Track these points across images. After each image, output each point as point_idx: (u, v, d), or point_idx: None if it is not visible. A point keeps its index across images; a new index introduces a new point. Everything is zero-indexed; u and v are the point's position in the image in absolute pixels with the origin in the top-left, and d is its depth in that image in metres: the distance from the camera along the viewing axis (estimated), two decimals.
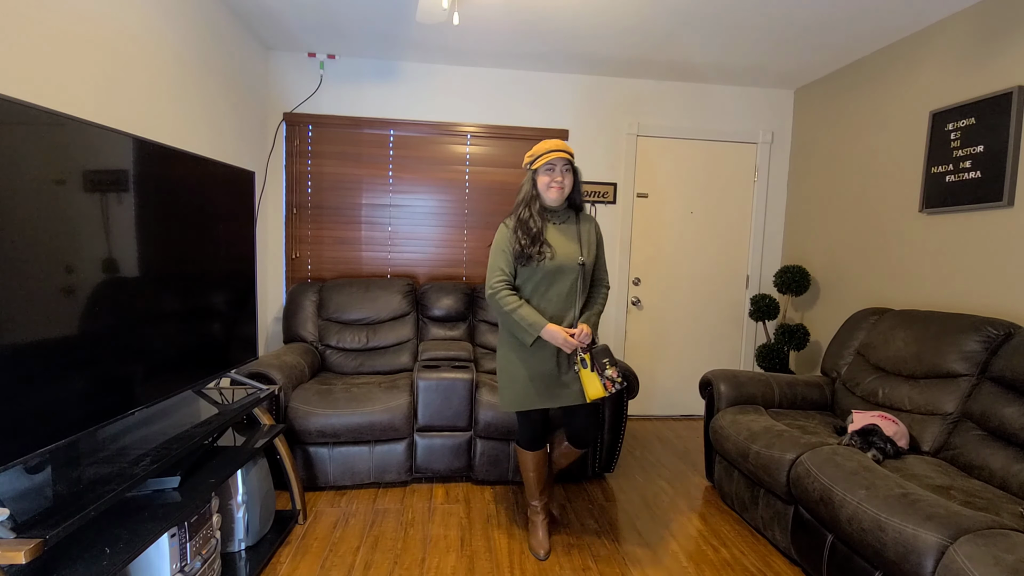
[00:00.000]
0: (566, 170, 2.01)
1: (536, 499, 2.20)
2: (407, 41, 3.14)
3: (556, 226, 2.06)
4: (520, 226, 2.02)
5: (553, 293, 2.02)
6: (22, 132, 1.19)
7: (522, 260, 2.00)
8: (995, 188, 2.30)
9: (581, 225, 2.09)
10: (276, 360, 2.61)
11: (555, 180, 2.00)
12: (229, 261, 2.10)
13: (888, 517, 1.56)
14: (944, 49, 2.62)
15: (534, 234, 2.00)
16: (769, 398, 2.60)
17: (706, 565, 2.08)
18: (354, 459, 2.57)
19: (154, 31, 2.19)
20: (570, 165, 2.02)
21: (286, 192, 3.45)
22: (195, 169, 1.87)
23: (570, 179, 2.03)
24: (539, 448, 2.17)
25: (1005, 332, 2.07)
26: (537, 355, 2.00)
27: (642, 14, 2.70)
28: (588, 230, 2.10)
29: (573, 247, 2.04)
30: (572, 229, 2.07)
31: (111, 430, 1.64)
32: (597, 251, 2.12)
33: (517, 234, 2.01)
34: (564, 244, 2.03)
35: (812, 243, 3.57)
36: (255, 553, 1.98)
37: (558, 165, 2.00)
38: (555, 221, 2.07)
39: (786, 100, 3.80)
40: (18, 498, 1.22)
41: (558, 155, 1.98)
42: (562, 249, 2.02)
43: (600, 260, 2.14)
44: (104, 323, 1.44)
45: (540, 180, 2.02)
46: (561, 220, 2.08)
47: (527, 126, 3.59)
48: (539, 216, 2.03)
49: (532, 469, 2.17)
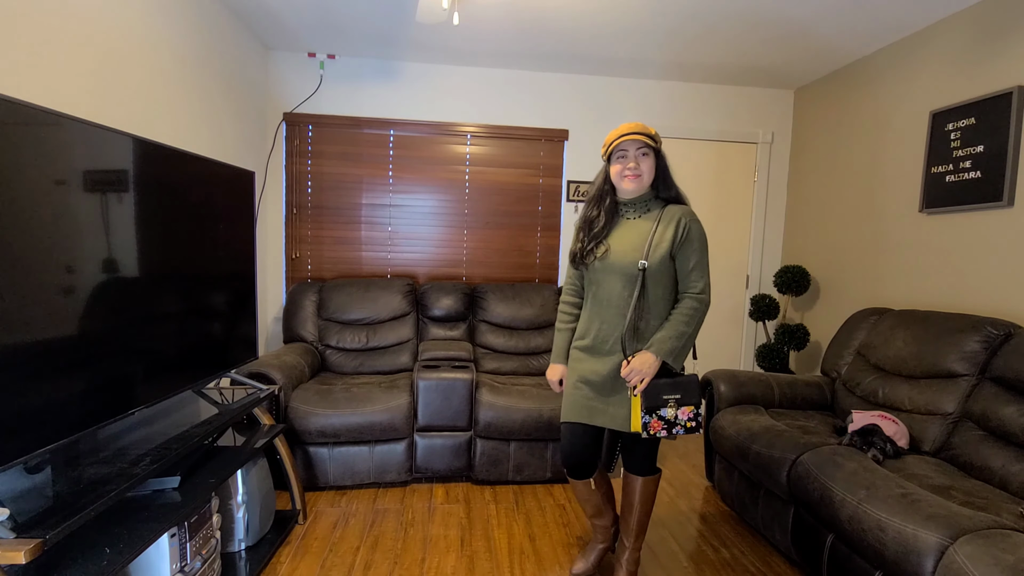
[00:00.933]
0: (642, 154, 1.69)
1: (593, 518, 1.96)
2: (407, 41, 3.14)
3: (631, 221, 1.75)
4: (584, 225, 1.79)
5: (603, 301, 1.73)
6: (22, 132, 1.19)
7: (577, 263, 1.79)
8: (995, 188, 2.30)
9: (662, 219, 1.71)
10: (276, 360, 2.61)
11: (628, 168, 1.69)
12: (229, 261, 2.10)
13: (888, 517, 1.56)
14: (944, 49, 2.62)
15: (595, 233, 1.75)
16: (769, 398, 2.60)
17: (706, 565, 2.08)
18: (354, 459, 2.57)
19: (154, 31, 2.18)
20: (648, 148, 1.69)
21: (286, 192, 3.45)
22: (195, 169, 1.87)
23: (650, 164, 1.70)
24: (582, 477, 1.85)
25: (1005, 332, 2.07)
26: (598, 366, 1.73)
27: (642, 14, 2.70)
28: (668, 226, 1.69)
29: (636, 245, 1.70)
30: (647, 225, 1.72)
31: (111, 430, 1.64)
32: (677, 251, 1.69)
33: (579, 235, 1.79)
34: (627, 242, 1.71)
35: (812, 243, 3.57)
36: (255, 553, 1.98)
37: (631, 150, 1.68)
38: (631, 215, 1.76)
39: (786, 100, 3.80)
40: (18, 498, 1.22)
41: (630, 138, 1.66)
42: (621, 247, 1.71)
43: (689, 264, 1.69)
44: (104, 323, 1.44)
45: (612, 169, 1.73)
46: (639, 214, 1.75)
47: (527, 126, 3.59)
48: (609, 212, 1.76)
49: (583, 499, 1.91)
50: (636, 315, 1.69)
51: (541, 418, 2.61)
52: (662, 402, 1.64)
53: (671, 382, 1.65)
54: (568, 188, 3.65)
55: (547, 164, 3.63)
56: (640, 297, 1.68)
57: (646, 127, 1.71)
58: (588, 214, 1.80)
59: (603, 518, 1.97)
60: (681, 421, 1.66)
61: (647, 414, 1.65)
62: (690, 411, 1.66)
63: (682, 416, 1.66)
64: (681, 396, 1.65)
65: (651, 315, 1.70)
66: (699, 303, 1.66)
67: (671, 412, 1.65)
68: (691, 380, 1.66)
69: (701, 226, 1.72)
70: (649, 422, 1.65)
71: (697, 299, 1.67)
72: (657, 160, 1.72)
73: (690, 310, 1.66)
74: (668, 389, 1.64)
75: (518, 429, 2.60)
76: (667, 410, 1.65)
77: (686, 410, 1.66)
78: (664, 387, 1.64)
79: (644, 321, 1.70)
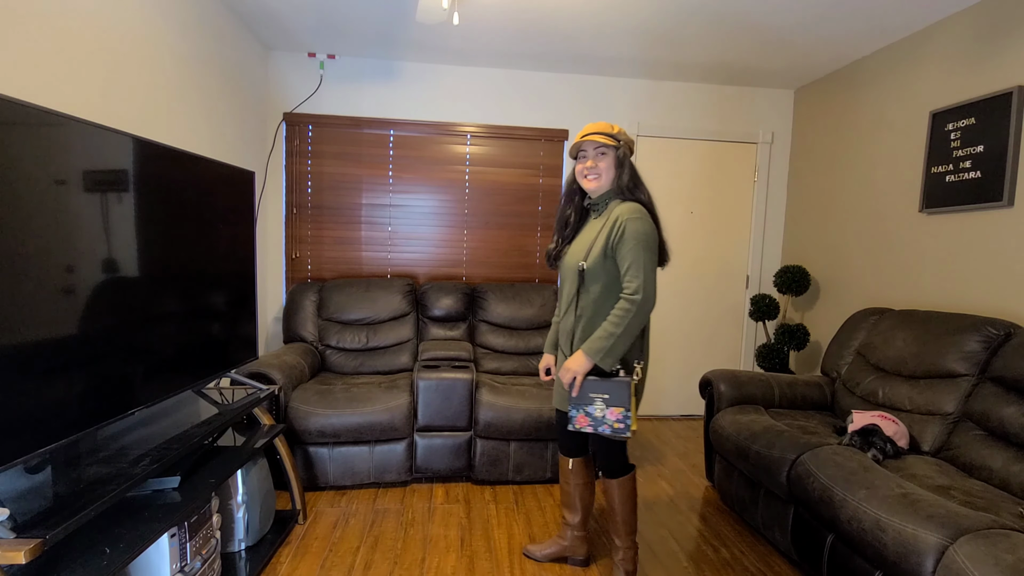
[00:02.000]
0: (600, 154, 1.73)
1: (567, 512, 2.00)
2: (407, 41, 3.14)
3: (593, 220, 1.81)
4: (560, 225, 1.87)
5: (564, 298, 1.82)
6: (22, 132, 1.19)
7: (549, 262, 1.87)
8: (995, 188, 2.30)
9: (608, 216, 1.73)
10: (276, 360, 2.61)
11: (586, 167, 1.74)
12: (229, 261, 2.10)
13: (888, 517, 1.56)
14: (944, 49, 2.62)
15: (565, 233, 1.81)
16: (769, 398, 2.60)
17: (706, 565, 2.08)
18: (354, 459, 2.57)
19: (154, 31, 2.18)
20: (607, 148, 1.72)
21: (286, 192, 3.45)
22: (195, 169, 1.87)
23: (608, 164, 1.73)
24: (572, 455, 1.94)
25: (1005, 332, 2.07)
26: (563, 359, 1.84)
27: (642, 14, 2.70)
28: (607, 224, 1.71)
29: (583, 244, 1.77)
30: (600, 224, 1.76)
31: (111, 430, 1.64)
32: (613, 251, 1.70)
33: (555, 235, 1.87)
34: (580, 242, 1.79)
35: (812, 243, 3.57)
36: (255, 553, 1.98)
37: (590, 150, 1.74)
38: (594, 215, 1.81)
39: (786, 100, 3.80)
40: (18, 498, 1.22)
41: (588, 139, 1.72)
42: (574, 247, 1.80)
43: (625, 264, 1.67)
44: (104, 323, 1.44)
45: (576, 169, 1.79)
46: (599, 213, 1.79)
47: (527, 126, 3.59)
48: (579, 211, 1.83)
49: (566, 479, 1.97)
50: (577, 314, 1.75)
51: (541, 418, 2.61)
52: (589, 400, 1.67)
53: (600, 381, 1.67)
54: None
55: (547, 164, 3.63)
56: (579, 297, 1.72)
57: (609, 126, 1.74)
58: (563, 213, 1.86)
59: (572, 512, 2.00)
60: (609, 421, 1.67)
61: (573, 409, 1.70)
62: (619, 413, 1.66)
63: (610, 417, 1.66)
64: (609, 396, 1.66)
65: (593, 314, 1.73)
66: (630, 303, 1.63)
67: (599, 411, 1.67)
68: (624, 383, 1.65)
69: (643, 224, 1.67)
70: (575, 417, 1.69)
71: (628, 299, 1.64)
72: (618, 159, 1.72)
73: (620, 311, 1.64)
74: (597, 388, 1.67)
75: (518, 429, 2.60)
76: (594, 408, 1.67)
77: (615, 411, 1.66)
78: (592, 385, 1.67)
79: (585, 320, 1.73)
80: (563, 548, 2.05)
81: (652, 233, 1.68)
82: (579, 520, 2.01)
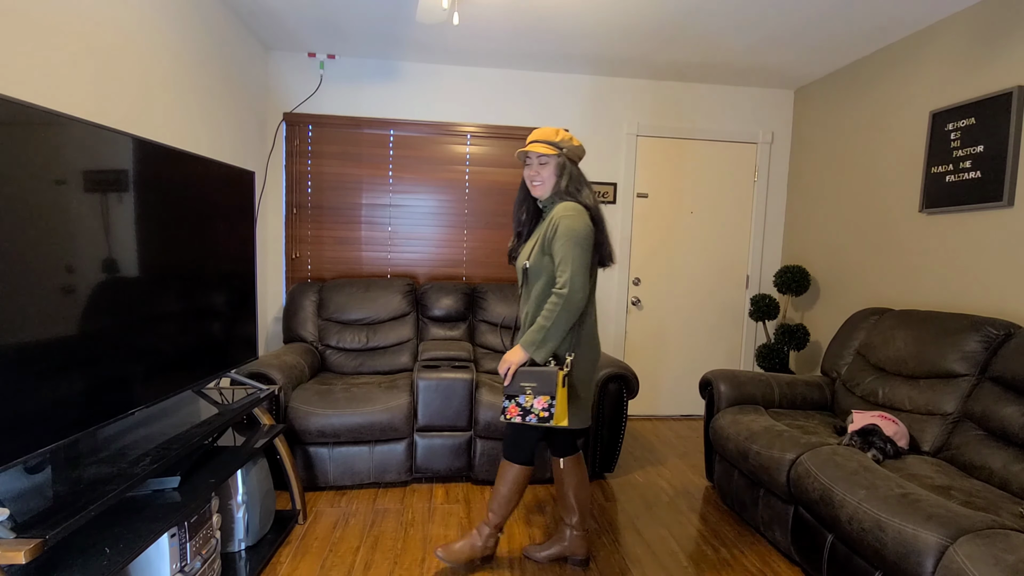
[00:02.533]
0: (541, 163, 1.79)
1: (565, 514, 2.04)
2: (407, 41, 3.14)
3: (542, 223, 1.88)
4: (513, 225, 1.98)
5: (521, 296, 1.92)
6: (22, 132, 1.19)
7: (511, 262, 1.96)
8: (995, 188, 2.30)
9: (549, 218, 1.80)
10: (276, 360, 2.61)
11: (530, 175, 1.83)
12: (229, 261, 2.10)
13: (888, 517, 1.56)
14: (944, 49, 2.62)
15: (519, 233, 1.93)
16: (769, 398, 2.60)
17: (706, 565, 2.08)
18: (354, 459, 2.57)
19: (153, 31, 2.18)
20: (547, 157, 1.78)
21: (286, 192, 3.45)
22: (195, 169, 1.87)
23: (550, 171, 1.80)
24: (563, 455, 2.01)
25: (1005, 332, 2.07)
26: None
27: (642, 14, 2.70)
28: (544, 225, 1.79)
29: (529, 244, 1.87)
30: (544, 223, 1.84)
31: (111, 430, 1.64)
32: (548, 248, 1.76)
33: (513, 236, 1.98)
34: (529, 242, 1.87)
35: (812, 243, 3.57)
36: (255, 553, 1.98)
37: (533, 158, 1.81)
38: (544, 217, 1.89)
39: (786, 100, 3.80)
40: (18, 498, 1.22)
41: (529, 148, 1.79)
42: (524, 247, 1.89)
43: (557, 259, 1.73)
44: (104, 323, 1.44)
45: (524, 175, 1.87)
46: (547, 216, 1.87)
47: (527, 126, 3.59)
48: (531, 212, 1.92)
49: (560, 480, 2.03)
50: (524, 311, 1.85)
51: None
52: (520, 389, 1.73)
53: (530, 371, 1.73)
54: None
55: None
56: (524, 294, 1.82)
57: (554, 133, 1.80)
58: (517, 214, 1.92)
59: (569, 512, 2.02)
60: (536, 410, 1.72)
61: (507, 399, 1.76)
62: (545, 401, 1.71)
63: (537, 405, 1.72)
64: (537, 385, 1.71)
65: (536, 309, 1.81)
66: (558, 298, 1.69)
67: (528, 400, 1.73)
68: (551, 372, 1.71)
69: (576, 221, 1.72)
70: (507, 407, 1.76)
71: (556, 294, 1.70)
72: (559, 166, 1.79)
73: (551, 304, 1.71)
74: (527, 378, 1.73)
75: None
76: (524, 397, 1.73)
77: (542, 399, 1.71)
78: (523, 375, 1.73)
79: (531, 316, 1.82)
80: (563, 548, 2.04)
81: (585, 231, 1.73)
82: (577, 519, 2.02)
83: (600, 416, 2.71)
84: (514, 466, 1.89)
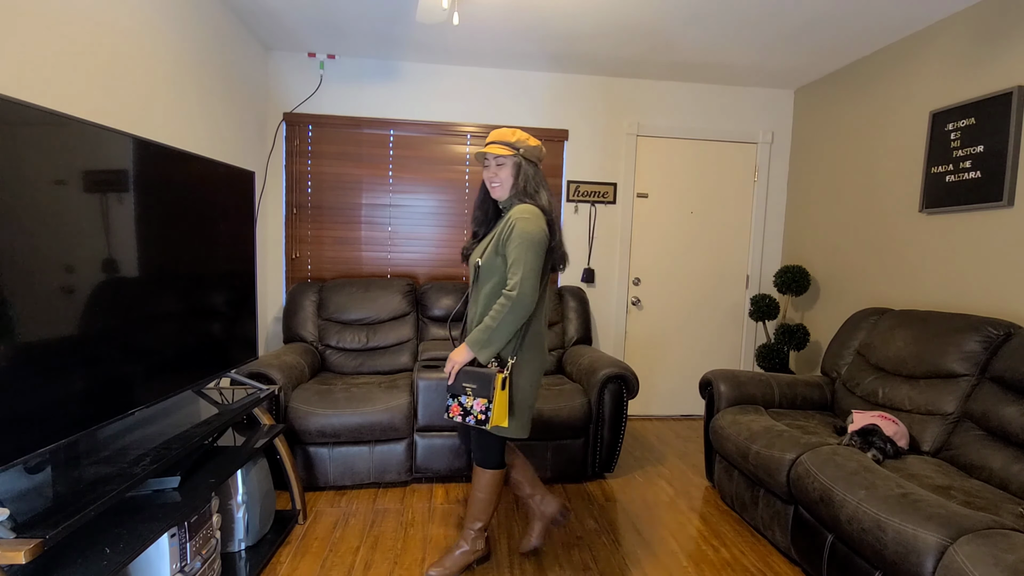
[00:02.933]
0: (498, 165, 1.80)
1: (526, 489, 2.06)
2: (407, 41, 3.14)
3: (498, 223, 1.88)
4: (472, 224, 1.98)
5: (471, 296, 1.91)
6: (22, 132, 1.19)
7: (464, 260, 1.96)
8: (995, 188, 2.30)
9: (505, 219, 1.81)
10: (276, 360, 2.61)
11: (488, 176, 1.83)
12: (229, 261, 2.10)
13: (888, 517, 1.56)
14: (944, 49, 2.62)
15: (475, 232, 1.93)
16: (769, 398, 2.60)
17: (706, 565, 2.08)
18: (354, 459, 2.57)
19: (153, 31, 2.18)
20: (504, 159, 1.79)
21: (286, 192, 3.45)
22: (195, 169, 1.87)
23: (507, 173, 1.80)
24: None
25: (1005, 332, 2.07)
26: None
27: (642, 14, 2.70)
28: (501, 226, 1.81)
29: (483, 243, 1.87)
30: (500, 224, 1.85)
31: (111, 430, 1.64)
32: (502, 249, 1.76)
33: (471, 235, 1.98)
34: (484, 242, 1.88)
35: (812, 243, 3.57)
36: (255, 553, 1.98)
37: (490, 159, 1.81)
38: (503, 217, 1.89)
39: (786, 100, 3.80)
40: (18, 498, 1.22)
41: (486, 149, 1.80)
42: (479, 246, 1.89)
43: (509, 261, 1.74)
44: (104, 323, 1.44)
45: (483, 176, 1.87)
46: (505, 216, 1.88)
47: (527, 126, 3.59)
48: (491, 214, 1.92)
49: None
50: (472, 309, 1.86)
51: (541, 418, 2.61)
52: (461, 389, 1.74)
53: (472, 371, 1.73)
54: (568, 188, 3.65)
55: (547, 164, 3.63)
56: (474, 293, 1.82)
57: (511, 133, 1.79)
58: (475, 215, 1.92)
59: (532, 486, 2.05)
60: (474, 412, 1.72)
61: (450, 398, 1.77)
62: (483, 404, 1.71)
63: (476, 407, 1.72)
64: (477, 387, 1.72)
65: (484, 309, 1.80)
66: (507, 299, 1.69)
67: (468, 401, 1.74)
68: (490, 375, 1.71)
69: (531, 224, 1.73)
70: (450, 406, 1.76)
71: (505, 295, 1.71)
72: (516, 167, 1.79)
73: (499, 305, 1.71)
74: (468, 378, 1.74)
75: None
76: (465, 398, 1.74)
77: (480, 402, 1.72)
78: (465, 375, 1.74)
79: (479, 315, 1.81)
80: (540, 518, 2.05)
81: (539, 234, 1.73)
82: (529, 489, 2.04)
83: (600, 416, 2.71)
84: (487, 472, 1.88)
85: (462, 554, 1.95)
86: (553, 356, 3.28)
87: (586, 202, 3.68)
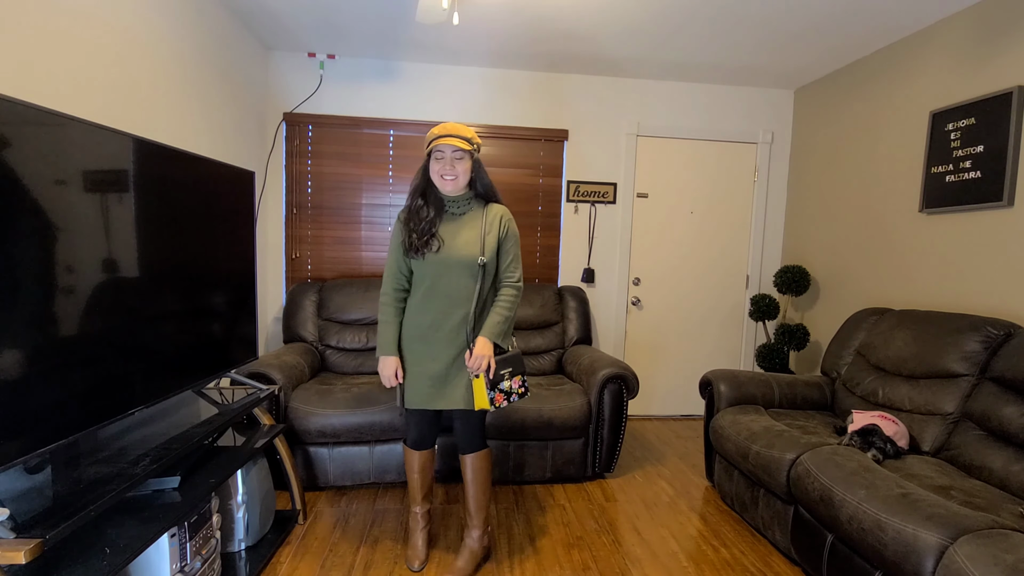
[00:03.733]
0: (457, 158, 1.80)
1: (418, 505, 2.04)
2: (407, 41, 3.14)
3: (457, 216, 1.88)
4: (411, 216, 1.86)
5: (440, 293, 1.84)
6: (23, 132, 1.19)
7: (411, 253, 1.84)
8: (995, 188, 2.30)
9: (486, 216, 1.88)
10: (276, 360, 2.61)
11: (444, 169, 1.80)
12: (229, 261, 2.10)
13: (888, 517, 1.56)
14: (944, 49, 2.62)
15: (423, 226, 1.83)
16: (769, 398, 2.60)
17: (706, 565, 2.08)
18: (354, 459, 2.57)
19: (153, 31, 2.18)
20: (463, 152, 1.80)
21: (286, 192, 3.45)
22: (195, 169, 1.87)
23: (465, 168, 1.82)
24: (426, 448, 2.01)
25: (1005, 332, 2.07)
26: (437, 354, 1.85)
27: (642, 14, 2.70)
28: (492, 222, 1.87)
29: (468, 240, 1.84)
30: (473, 221, 1.87)
31: (111, 430, 1.64)
32: (503, 246, 1.89)
33: (409, 225, 1.85)
34: (460, 238, 1.84)
35: (812, 243, 3.57)
36: (255, 553, 1.98)
37: (447, 152, 1.79)
38: (455, 211, 1.89)
39: (786, 100, 3.80)
40: (18, 498, 1.22)
41: (446, 141, 1.76)
42: (455, 243, 1.83)
43: (508, 258, 1.90)
44: (104, 323, 1.44)
45: (432, 167, 1.83)
46: (462, 211, 1.89)
47: (527, 126, 3.59)
48: (434, 205, 1.86)
49: (416, 470, 2.00)
50: (479, 307, 1.87)
51: (541, 418, 2.61)
52: (500, 377, 1.87)
53: (503, 358, 1.88)
54: (568, 188, 3.65)
55: (547, 164, 3.63)
56: (481, 290, 1.86)
57: (464, 129, 1.81)
58: (414, 204, 1.87)
59: (428, 498, 2.07)
60: (515, 390, 1.90)
61: (491, 389, 1.85)
62: (519, 380, 1.91)
63: (515, 385, 1.90)
64: (512, 368, 1.89)
65: (487, 303, 1.91)
66: (517, 290, 1.91)
67: (507, 384, 1.88)
68: (516, 355, 1.91)
69: (515, 223, 1.97)
70: (494, 396, 1.86)
71: (515, 287, 1.91)
72: (473, 163, 1.85)
73: (512, 297, 1.89)
74: (503, 365, 1.87)
75: (518, 429, 2.60)
76: (505, 383, 1.88)
77: (516, 379, 1.90)
78: (500, 363, 1.86)
79: (483, 310, 1.89)
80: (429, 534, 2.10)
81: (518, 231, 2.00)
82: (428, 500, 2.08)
83: (600, 416, 2.71)
84: (480, 452, 1.96)
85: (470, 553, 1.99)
86: (553, 356, 3.28)
87: (586, 202, 3.68)
